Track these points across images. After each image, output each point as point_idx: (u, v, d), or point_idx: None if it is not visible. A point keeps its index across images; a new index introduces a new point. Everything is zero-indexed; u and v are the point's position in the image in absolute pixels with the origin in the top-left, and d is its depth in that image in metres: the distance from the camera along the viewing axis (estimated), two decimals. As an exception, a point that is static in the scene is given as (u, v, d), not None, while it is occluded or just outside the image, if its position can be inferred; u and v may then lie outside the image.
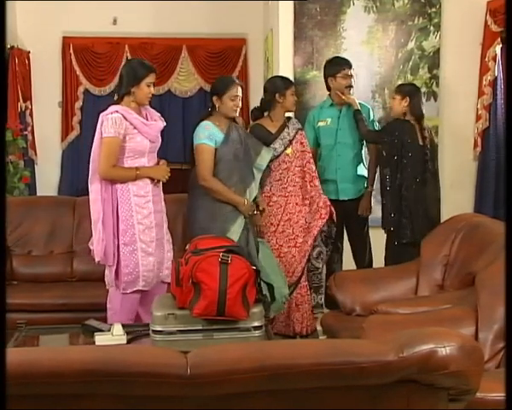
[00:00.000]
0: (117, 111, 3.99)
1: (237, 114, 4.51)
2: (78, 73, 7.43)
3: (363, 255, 5.25)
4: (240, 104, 4.48)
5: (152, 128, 4.13)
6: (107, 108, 4.07)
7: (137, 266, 4.06)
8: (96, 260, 4.09)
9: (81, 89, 7.47)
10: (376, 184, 5.22)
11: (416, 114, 4.88)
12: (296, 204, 4.80)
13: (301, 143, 4.88)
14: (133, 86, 4.04)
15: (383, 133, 4.95)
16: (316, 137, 5.19)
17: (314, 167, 4.91)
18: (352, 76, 5.11)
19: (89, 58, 7.45)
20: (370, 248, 5.27)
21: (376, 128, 5.24)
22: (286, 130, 4.84)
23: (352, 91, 5.14)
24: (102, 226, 4.03)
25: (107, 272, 4.14)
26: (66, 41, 7.38)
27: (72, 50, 7.38)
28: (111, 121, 3.97)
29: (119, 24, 7.41)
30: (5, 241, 4.75)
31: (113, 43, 7.45)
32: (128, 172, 4.05)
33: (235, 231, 4.35)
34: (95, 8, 7.19)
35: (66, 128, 7.47)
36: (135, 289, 4.08)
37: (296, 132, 4.87)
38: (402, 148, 4.78)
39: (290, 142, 4.84)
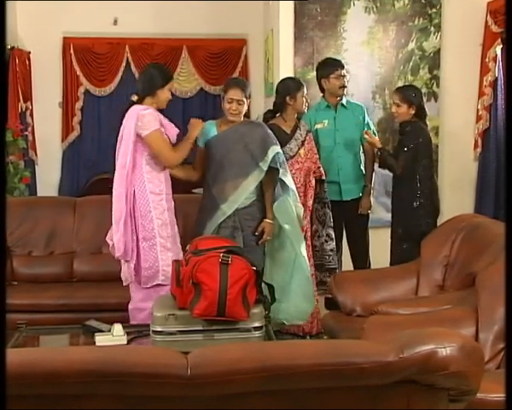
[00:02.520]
0: (148, 108, 4.12)
1: (235, 118, 4.39)
2: (78, 73, 7.44)
3: (363, 255, 5.23)
4: (238, 108, 4.37)
5: (174, 130, 4.25)
6: (127, 109, 4.19)
7: (157, 260, 4.10)
8: (117, 255, 4.12)
9: (81, 89, 7.48)
10: (378, 185, 5.23)
11: (423, 116, 4.89)
12: (311, 202, 4.83)
13: (310, 145, 4.90)
14: (159, 88, 4.15)
15: (407, 148, 4.79)
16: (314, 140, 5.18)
17: (322, 168, 4.92)
18: (345, 76, 5.10)
19: (89, 58, 7.45)
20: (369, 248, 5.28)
21: (375, 133, 5.24)
22: (298, 131, 4.87)
23: (345, 91, 5.14)
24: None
25: (124, 268, 4.16)
26: (67, 41, 7.39)
27: (72, 51, 7.39)
28: (151, 116, 4.09)
29: (120, 24, 7.41)
30: (5, 241, 4.74)
31: (113, 43, 7.46)
32: (187, 146, 4.26)
33: (211, 227, 4.33)
34: (95, 9, 7.19)
35: (66, 128, 7.48)
36: (155, 283, 4.11)
37: (306, 134, 4.90)
38: (427, 149, 4.84)
39: (302, 143, 4.86)
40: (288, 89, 4.86)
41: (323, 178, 4.87)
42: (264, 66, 7.05)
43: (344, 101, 5.18)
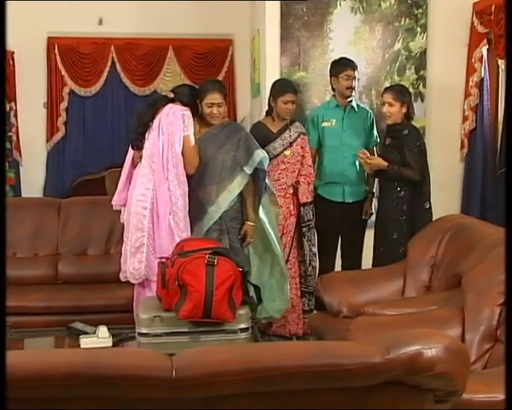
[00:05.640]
0: (187, 109, 4.27)
1: (216, 121, 4.42)
2: (63, 73, 7.40)
3: (357, 259, 5.20)
4: (218, 111, 4.38)
5: None
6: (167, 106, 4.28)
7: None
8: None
9: (66, 90, 7.44)
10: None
11: (411, 117, 4.91)
12: (293, 206, 4.85)
13: (302, 147, 4.91)
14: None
15: (412, 151, 4.80)
16: (319, 138, 5.15)
17: (313, 171, 4.93)
18: (354, 78, 5.06)
19: (74, 58, 7.42)
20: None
21: (377, 138, 5.24)
22: (287, 132, 4.87)
23: (353, 93, 5.12)
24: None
25: (133, 267, 4.17)
26: (51, 41, 7.35)
27: (57, 51, 7.35)
28: (191, 118, 4.26)
29: (105, 24, 7.38)
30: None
31: (98, 43, 7.43)
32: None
33: (199, 231, 4.32)
34: (80, 8, 7.16)
35: (51, 129, 7.44)
36: None
37: (298, 136, 4.91)
38: (425, 151, 4.88)
39: (290, 144, 4.87)
40: (272, 90, 4.93)
41: (309, 200, 4.88)
42: (250, 66, 7.05)
43: (354, 103, 5.17)
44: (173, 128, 4.16)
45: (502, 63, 5.63)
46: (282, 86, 4.93)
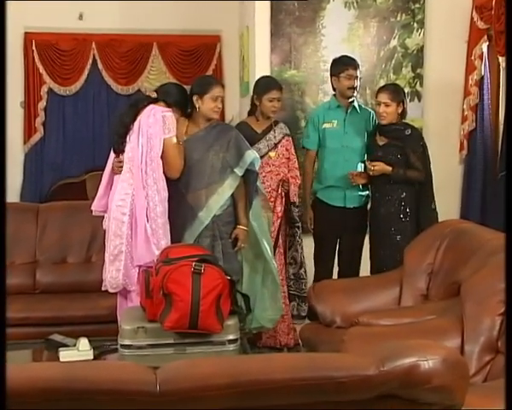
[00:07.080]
0: (169, 110, 4.24)
1: (217, 116, 4.46)
2: (41, 71, 7.38)
3: (355, 268, 5.18)
4: (220, 106, 4.41)
5: None
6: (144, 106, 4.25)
7: None
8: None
9: (45, 88, 7.42)
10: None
11: (404, 117, 4.94)
12: (281, 209, 4.86)
13: (287, 149, 4.92)
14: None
15: (417, 152, 4.86)
16: (319, 139, 5.15)
17: (299, 174, 4.94)
18: (356, 77, 5.04)
19: (53, 55, 7.41)
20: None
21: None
22: (272, 132, 4.89)
23: (355, 93, 5.10)
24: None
25: (111, 275, 4.16)
26: (29, 37, 7.33)
27: (34, 47, 7.34)
28: (173, 119, 4.21)
29: (86, 19, 7.38)
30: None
31: (79, 39, 7.41)
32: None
33: (190, 237, 4.31)
34: (59, 2, 7.15)
35: (28, 130, 7.41)
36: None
37: (283, 137, 4.92)
38: (427, 151, 4.91)
39: (275, 145, 4.88)
40: (256, 88, 4.93)
41: (295, 200, 4.91)
42: (239, 64, 7.06)
43: (356, 104, 5.15)
44: (153, 130, 4.13)
45: (503, 61, 5.64)
46: (267, 83, 4.94)
